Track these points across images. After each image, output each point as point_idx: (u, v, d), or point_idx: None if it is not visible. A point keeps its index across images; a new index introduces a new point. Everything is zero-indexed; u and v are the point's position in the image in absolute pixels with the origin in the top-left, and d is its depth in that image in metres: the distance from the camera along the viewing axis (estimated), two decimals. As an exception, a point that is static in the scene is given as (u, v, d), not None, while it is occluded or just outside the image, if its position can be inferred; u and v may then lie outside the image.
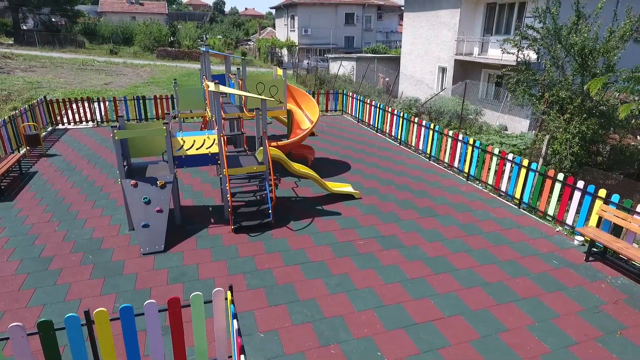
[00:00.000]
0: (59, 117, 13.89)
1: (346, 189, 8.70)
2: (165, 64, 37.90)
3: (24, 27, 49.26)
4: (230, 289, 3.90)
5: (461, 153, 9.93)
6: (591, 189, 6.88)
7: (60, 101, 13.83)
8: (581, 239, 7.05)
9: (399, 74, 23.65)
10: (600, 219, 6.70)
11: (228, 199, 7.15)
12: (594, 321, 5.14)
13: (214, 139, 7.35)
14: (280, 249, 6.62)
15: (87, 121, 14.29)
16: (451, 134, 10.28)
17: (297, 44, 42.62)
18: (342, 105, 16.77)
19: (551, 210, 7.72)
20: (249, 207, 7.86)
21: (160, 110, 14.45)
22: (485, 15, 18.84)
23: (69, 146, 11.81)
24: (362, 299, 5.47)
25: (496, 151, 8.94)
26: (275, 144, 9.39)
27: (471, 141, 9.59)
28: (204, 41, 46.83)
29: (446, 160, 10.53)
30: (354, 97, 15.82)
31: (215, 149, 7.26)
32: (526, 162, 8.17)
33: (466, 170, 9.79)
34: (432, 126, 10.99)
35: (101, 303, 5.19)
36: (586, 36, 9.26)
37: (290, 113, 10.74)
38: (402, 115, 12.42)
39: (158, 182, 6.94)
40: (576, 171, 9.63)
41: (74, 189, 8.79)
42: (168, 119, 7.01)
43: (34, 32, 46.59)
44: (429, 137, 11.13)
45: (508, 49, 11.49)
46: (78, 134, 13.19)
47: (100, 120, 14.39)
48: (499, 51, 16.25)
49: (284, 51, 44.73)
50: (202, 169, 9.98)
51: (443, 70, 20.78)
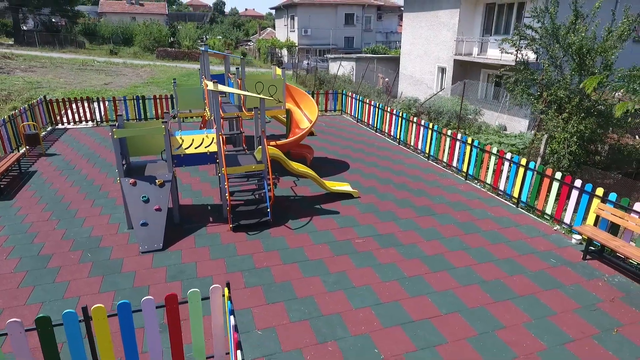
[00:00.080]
0: (58, 116, 13.92)
1: (345, 188, 8.73)
2: (165, 64, 37.96)
3: (24, 27, 49.33)
4: (228, 285, 3.92)
5: (460, 152, 9.96)
6: (589, 187, 6.90)
7: (60, 101, 13.87)
8: (579, 237, 7.07)
9: (399, 74, 23.68)
10: (597, 217, 6.72)
11: (227, 197, 7.18)
12: (591, 319, 5.16)
13: (213, 138, 7.38)
14: (279, 247, 6.64)
15: (87, 121, 14.32)
16: (450, 133, 10.31)
17: (296, 44, 42.67)
18: (342, 105, 16.80)
19: (549, 209, 7.74)
20: (247, 206, 7.88)
21: (159, 110, 14.48)
22: (484, 15, 18.87)
23: (68, 146, 11.83)
24: (359, 296, 5.49)
25: (494, 150, 8.97)
26: (274, 143, 9.41)
27: (470, 140, 9.61)
28: (203, 41, 46.87)
29: (445, 159, 10.55)
30: (353, 97, 15.85)
31: (213, 147, 7.28)
32: (524, 161, 8.20)
33: (465, 169, 9.81)
34: (430, 126, 11.01)
35: (99, 301, 5.21)
36: (584, 35, 9.30)
37: (289, 112, 10.76)
38: (401, 115, 12.45)
39: (157, 180, 6.97)
40: (574, 170, 9.66)
41: (73, 188, 8.81)
42: (167, 118, 7.04)
43: (34, 33, 46.66)
44: (427, 136, 11.15)
45: (506, 48, 11.52)
46: (77, 133, 13.22)
47: (99, 120, 14.41)
48: (498, 51, 16.28)
49: (284, 51, 44.78)
50: (201, 168, 10.01)
51: (442, 70, 20.80)
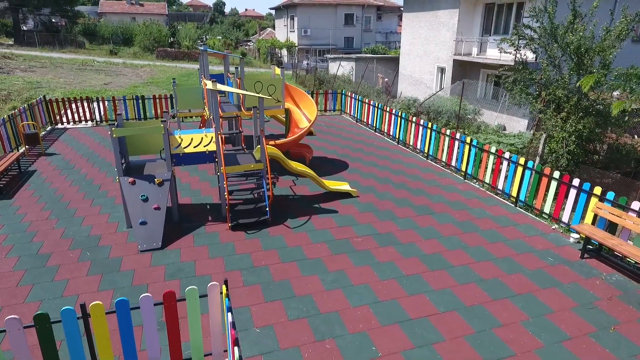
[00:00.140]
0: (58, 116, 13.94)
1: (343, 187, 8.74)
2: (164, 65, 37.99)
3: (24, 27, 49.36)
4: (226, 283, 3.94)
5: (458, 152, 9.97)
6: (586, 186, 6.92)
7: (60, 101, 13.89)
8: (577, 236, 7.09)
9: (398, 74, 23.71)
10: (595, 216, 6.74)
11: (225, 196, 7.19)
12: (588, 317, 5.18)
13: (212, 137, 7.39)
14: (277, 246, 6.66)
15: (86, 121, 14.34)
16: (448, 132, 10.32)
17: (296, 44, 42.69)
18: (341, 105, 16.81)
19: (547, 208, 7.76)
20: (246, 205, 7.90)
21: (159, 109, 14.49)
22: (483, 15, 18.90)
23: (67, 145, 11.85)
24: (357, 295, 5.50)
25: (493, 149, 8.99)
26: (273, 142, 9.43)
27: (468, 140, 9.63)
28: (203, 42, 47.00)
29: (444, 159, 10.57)
30: (353, 97, 15.87)
31: (212, 146, 7.30)
32: (523, 160, 8.21)
33: (463, 169, 9.82)
34: (429, 125, 11.03)
35: (98, 299, 5.21)
36: (582, 35, 9.32)
37: (288, 112, 10.78)
38: (400, 115, 12.47)
39: (156, 179, 6.98)
40: (573, 169, 9.68)
41: (72, 187, 8.82)
42: (166, 117, 7.06)
43: (34, 33, 46.70)
44: (426, 136, 11.17)
45: (505, 48, 11.54)
46: (77, 133, 13.23)
47: (99, 120, 14.43)
48: (497, 51, 16.31)
49: (284, 52, 44.80)
50: (201, 167, 10.02)
51: (442, 70, 20.83)
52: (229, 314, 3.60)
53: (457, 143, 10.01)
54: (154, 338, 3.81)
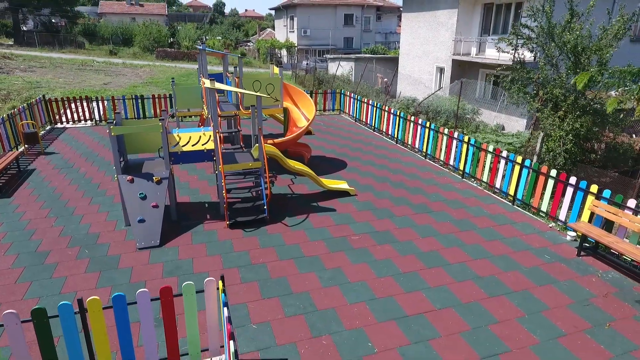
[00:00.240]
0: (57, 116, 13.96)
1: (341, 185, 8.77)
2: (164, 65, 38.02)
3: (24, 28, 49.41)
4: (222, 278, 3.96)
5: (456, 151, 10.00)
6: (583, 185, 6.94)
7: (59, 100, 13.91)
8: (573, 234, 7.12)
9: (397, 74, 23.74)
10: (592, 214, 6.77)
11: (223, 195, 7.21)
12: (584, 313, 5.20)
13: (210, 136, 7.42)
14: (275, 244, 6.68)
15: (86, 120, 14.37)
16: (446, 131, 10.35)
17: (296, 44, 42.72)
18: (340, 104, 16.85)
19: (544, 206, 7.78)
20: (244, 203, 7.92)
21: (158, 109, 14.52)
22: (482, 15, 18.93)
23: (67, 144, 11.87)
24: (354, 292, 5.53)
25: (490, 148, 9.01)
26: (272, 141, 9.45)
27: (466, 139, 9.66)
28: (203, 42, 47.01)
29: (442, 158, 10.60)
30: (352, 96, 15.90)
31: (210, 145, 7.32)
32: (520, 159, 8.24)
33: (461, 167, 9.85)
34: (428, 124, 11.06)
35: (96, 295, 5.22)
36: (578, 34, 9.35)
37: (286, 111, 10.81)
38: (398, 114, 12.50)
39: (154, 178, 7.01)
40: (570, 168, 9.70)
41: (71, 186, 8.85)
42: (164, 116, 7.09)
43: (33, 33, 46.75)
44: (424, 135, 11.20)
45: (503, 47, 11.57)
46: (76, 132, 13.26)
47: (98, 120, 14.46)
48: (496, 51, 16.31)
49: (283, 52, 44.84)
50: (199, 166, 10.05)
51: (441, 70, 20.85)
52: (225, 308, 3.63)
53: (455, 142, 10.04)
54: (150, 334, 3.83)
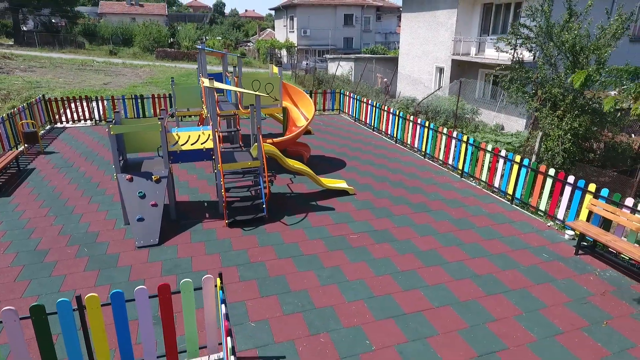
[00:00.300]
0: (57, 115, 13.98)
1: (341, 185, 8.78)
2: (164, 65, 38.06)
3: (24, 28, 49.45)
4: (220, 276, 3.98)
5: (455, 150, 10.02)
6: (581, 183, 6.96)
7: (59, 100, 13.93)
8: (572, 233, 7.13)
9: (397, 74, 23.76)
10: (590, 213, 6.78)
11: (222, 193, 7.23)
12: (581, 312, 5.22)
13: (209, 135, 7.44)
14: (274, 243, 6.70)
15: (85, 120, 14.38)
16: (445, 131, 10.37)
17: (296, 45, 42.74)
18: (340, 104, 16.86)
19: (543, 205, 7.80)
20: (243, 202, 7.94)
21: (158, 109, 14.53)
22: (482, 15, 18.94)
23: (66, 144, 11.89)
24: (352, 290, 5.54)
25: (489, 148, 9.03)
26: (271, 140, 9.46)
27: (465, 138, 9.67)
28: (203, 42, 47.03)
29: (441, 157, 10.61)
30: (351, 96, 15.92)
31: (209, 144, 7.34)
32: (518, 158, 8.26)
33: (460, 167, 9.87)
34: (427, 124, 11.08)
35: (95, 293, 5.25)
36: (576, 33, 9.37)
37: (285, 110, 10.82)
38: (397, 114, 12.52)
39: (153, 176, 7.02)
40: (569, 168, 9.71)
41: (70, 185, 8.86)
42: (163, 115, 7.10)
43: (33, 33, 46.79)
44: (424, 135, 11.21)
45: (502, 47, 11.57)
46: (76, 132, 13.28)
47: (98, 119, 14.48)
48: (495, 51, 16.33)
49: (283, 52, 44.86)
50: (199, 166, 10.07)
51: (440, 70, 20.87)
52: (223, 305, 3.64)
53: (454, 142, 10.05)
54: (149, 331, 3.84)
